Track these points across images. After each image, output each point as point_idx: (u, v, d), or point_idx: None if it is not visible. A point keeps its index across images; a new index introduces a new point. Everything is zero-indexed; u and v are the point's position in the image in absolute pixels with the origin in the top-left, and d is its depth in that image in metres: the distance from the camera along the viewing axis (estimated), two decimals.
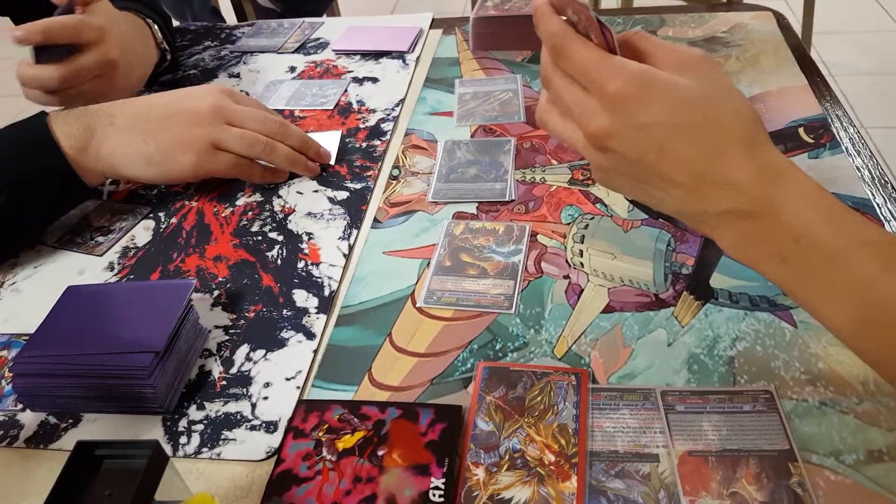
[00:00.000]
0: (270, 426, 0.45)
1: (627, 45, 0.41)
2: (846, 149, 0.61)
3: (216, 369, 0.50)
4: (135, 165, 0.62)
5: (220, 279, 0.57)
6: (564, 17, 0.41)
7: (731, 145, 0.38)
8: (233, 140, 0.64)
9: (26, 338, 0.51)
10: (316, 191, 0.66)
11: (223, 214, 0.64)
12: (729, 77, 0.71)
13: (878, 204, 0.55)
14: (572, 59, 0.40)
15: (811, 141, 0.63)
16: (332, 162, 0.69)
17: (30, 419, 0.48)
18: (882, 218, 0.54)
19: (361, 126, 0.74)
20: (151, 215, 0.65)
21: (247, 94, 0.83)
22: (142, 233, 0.63)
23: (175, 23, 1.03)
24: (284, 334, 0.52)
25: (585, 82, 0.39)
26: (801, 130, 0.64)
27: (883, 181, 0.58)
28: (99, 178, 0.63)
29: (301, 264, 0.58)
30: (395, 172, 0.67)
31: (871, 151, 0.61)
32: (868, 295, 0.34)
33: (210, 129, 0.63)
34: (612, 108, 0.38)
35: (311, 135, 0.71)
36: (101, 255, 0.61)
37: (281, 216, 0.63)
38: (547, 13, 0.41)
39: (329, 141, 0.71)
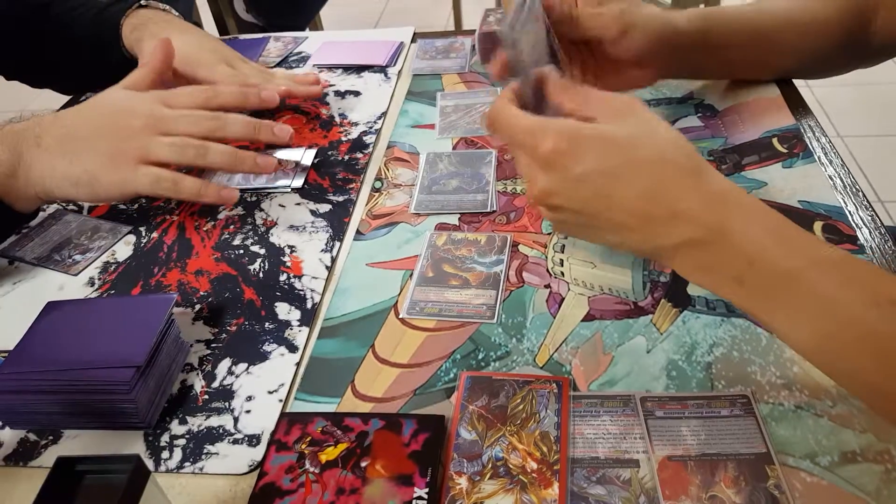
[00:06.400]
0: (253, 440, 0.45)
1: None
2: (819, 158, 0.63)
3: (198, 383, 0.50)
4: (64, 188, 0.60)
5: (201, 293, 0.57)
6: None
7: (673, 177, 0.39)
8: (162, 150, 0.60)
9: (5, 354, 0.51)
10: (298, 203, 0.66)
11: (205, 228, 0.64)
12: (704, 89, 0.74)
13: (850, 211, 0.57)
14: (504, 131, 0.43)
15: (784, 151, 0.64)
16: (301, 160, 0.70)
17: (9, 437, 0.47)
18: (854, 225, 0.55)
19: (344, 139, 0.75)
20: (132, 230, 0.65)
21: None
22: (122, 247, 0.63)
23: None
24: (267, 347, 0.52)
25: (522, 149, 0.42)
26: (774, 140, 0.66)
27: (854, 189, 0.59)
28: (34, 201, 0.61)
29: (283, 277, 0.58)
30: (378, 184, 0.67)
31: (842, 160, 0.62)
32: (826, 312, 0.35)
33: (136, 143, 0.59)
34: (547, 167, 0.40)
35: (278, 152, 0.70)
36: (76, 275, 0.60)
37: (263, 229, 0.63)
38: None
39: (297, 156, 0.71)
